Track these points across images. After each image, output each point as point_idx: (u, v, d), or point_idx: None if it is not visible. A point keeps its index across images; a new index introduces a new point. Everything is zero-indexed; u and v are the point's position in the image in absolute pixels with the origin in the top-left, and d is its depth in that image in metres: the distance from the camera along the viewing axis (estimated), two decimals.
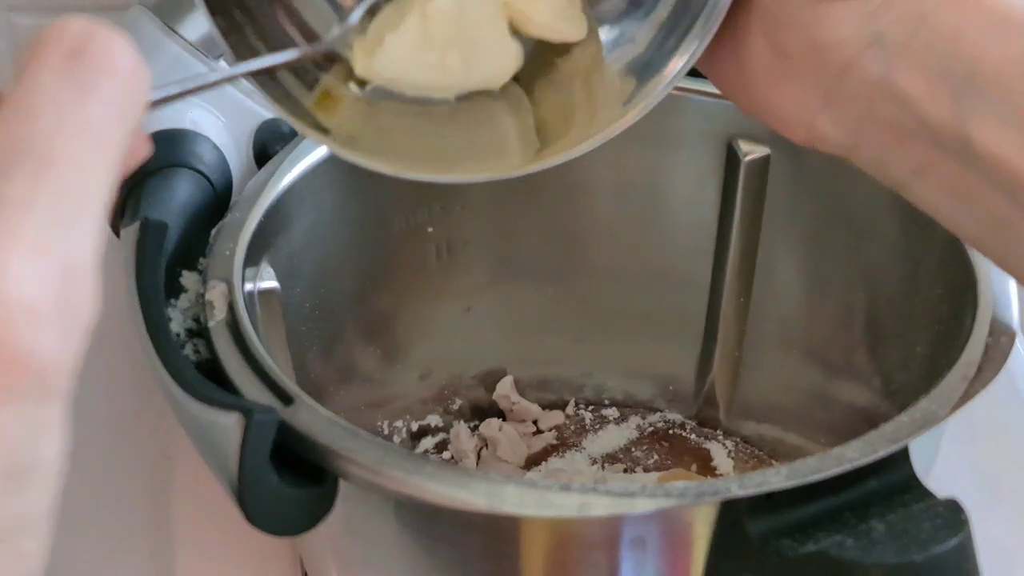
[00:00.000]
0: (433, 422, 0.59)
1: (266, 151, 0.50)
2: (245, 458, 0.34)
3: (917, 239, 0.48)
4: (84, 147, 0.23)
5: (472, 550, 0.39)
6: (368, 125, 0.36)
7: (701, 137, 0.53)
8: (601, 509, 0.34)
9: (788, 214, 0.53)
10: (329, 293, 0.51)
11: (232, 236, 0.44)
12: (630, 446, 0.59)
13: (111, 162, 0.23)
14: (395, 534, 0.40)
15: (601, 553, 0.38)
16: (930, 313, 0.46)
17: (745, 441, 0.59)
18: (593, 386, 0.61)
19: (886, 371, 0.50)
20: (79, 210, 0.23)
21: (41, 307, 0.21)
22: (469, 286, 0.57)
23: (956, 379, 0.38)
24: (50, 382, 0.22)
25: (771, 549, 0.34)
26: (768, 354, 0.56)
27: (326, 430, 0.36)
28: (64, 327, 0.22)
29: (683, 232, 0.56)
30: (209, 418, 0.34)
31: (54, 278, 0.22)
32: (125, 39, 0.24)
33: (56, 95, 0.23)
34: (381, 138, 0.36)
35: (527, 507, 0.34)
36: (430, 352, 0.57)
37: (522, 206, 0.56)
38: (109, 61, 0.24)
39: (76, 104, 0.23)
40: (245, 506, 0.34)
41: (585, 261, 0.58)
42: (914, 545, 0.33)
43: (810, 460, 0.35)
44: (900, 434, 0.36)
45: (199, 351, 0.41)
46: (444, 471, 0.35)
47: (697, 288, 0.57)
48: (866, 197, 0.50)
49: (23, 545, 0.22)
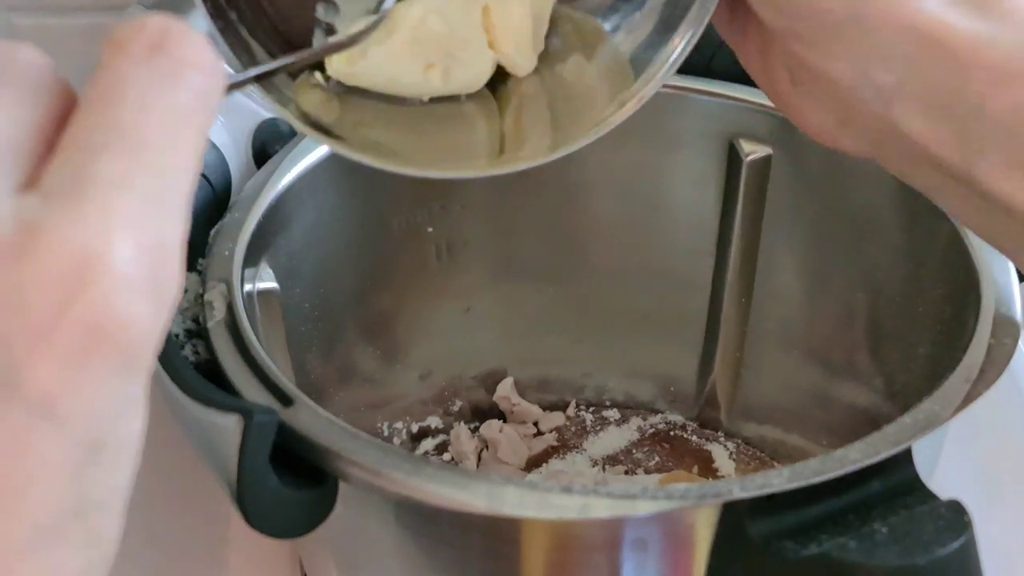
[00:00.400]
0: (433, 423, 0.59)
1: (265, 151, 0.50)
2: (244, 460, 0.33)
3: (919, 239, 0.48)
4: (172, 131, 0.23)
5: (472, 552, 0.39)
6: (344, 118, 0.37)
7: (702, 137, 0.53)
8: (602, 511, 0.34)
9: (790, 214, 0.53)
10: (329, 293, 0.51)
11: (231, 236, 0.44)
12: (631, 448, 0.59)
13: (196, 148, 0.24)
14: (395, 536, 0.39)
15: (602, 555, 0.38)
16: (932, 314, 0.46)
17: (746, 442, 0.59)
18: (594, 387, 0.61)
19: (888, 372, 0.50)
20: (170, 191, 0.23)
21: (138, 280, 0.22)
22: (469, 286, 0.57)
23: (959, 380, 0.38)
24: (140, 355, 0.22)
25: (773, 551, 0.33)
26: (769, 355, 0.56)
27: (326, 431, 0.36)
28: (156, 302, 0.22)
29: (684, 232, 0.56)
30: (208, 419, 0.34)
31: (150, 254, 0.22)
32: (200, 34, 0.25)
33: (141, 83, 0.23)
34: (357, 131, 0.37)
35: (528, 509, 0.34)
36: (430, 352, 0.57)
37: (522, 206, 0.56)
38: (189, 53, 0.24)
39: (161, 91, 0.24)
40: (244, 508, 0.34)
41: (586, 261, 0.58)
42: (917, 547, 0.33)
43: (812, 462, 0.34)
44: (903, 435, 0.36)
45: (198, 352, 0.40)
46: (444, 473, 0.35)
47: (698, 288, 0.56)
48: (868, 197, 0.50)
49: (99, 523, 0.22)
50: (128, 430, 0.23)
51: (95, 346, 0.21)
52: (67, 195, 0.22)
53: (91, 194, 0.22)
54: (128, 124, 0.23)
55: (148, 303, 0.22)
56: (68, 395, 0.21)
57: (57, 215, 0.21)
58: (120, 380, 0.22)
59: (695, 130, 0.53)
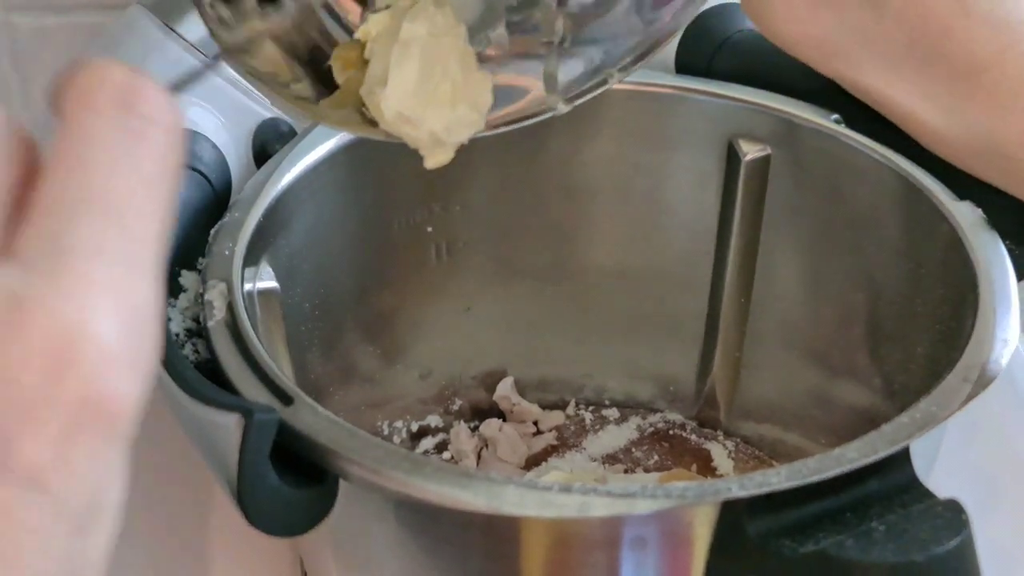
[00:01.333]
0: (433, 422, 0.59)
1: (265, 150, 0.50)
2: (245, 458, 0.34)
3: (918, 239, 0.48)
4: (143, 194, 0.23)
5: (472, 550, 0.39)
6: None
7: (701, 137, 0.53)
8: (601, 509, 0.34)
9: (789, 214, 0.53)
10: (329, 293, 0.51)
11: (231, 236, 0.44)
12: (630, 447, 0.59)
13: (166, 209, 0.24)
14: (395, 534, 0.39)
15: (601, 553, 0.38)
16: (931, 314, 0.46)
17: (745, 441, 0.59)
18: (593, 386, 0.61)
19: (887, 372, 0.50)
20: (145, 254, 0.23)
21: (119, 350, 0.22)
22: (469, 286, 0.57)
23: (957, 380, 0.38)
24: (123, 425, 0.22)
25: (771, 549, 0.34)
26: (769, 354, 0.56)
27: (326, 430, 0.36)
28: (139, 370, 0.22)
29: (683, 232, 0.56)
30: (208, 418, 0.34)
31: (131, 322, 0.22)
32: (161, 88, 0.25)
33: (111, 144, 0.23)
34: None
35: (527, 507, 0.34)
36: (430, 352, 0.57)
37: (522, 206, 0.56)
38: (156, 111, 0.24)
39: (130, 153, 0.23)
40: (244, 506, 0.34)
41: (585, 261, 0.58)
42: (915, 545, 0.33)
43: (810, 461, 0.35)
44: (901, 435, 0.36)
45: (198, 351, 0.40)
46: (444, 471, 0.35)
47: (697, 288, 0.56)
48: (867, 197, 0.50)
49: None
50: (113, 496, 0.23)
51: (84, 421, 0.21)
52: (47, 266, 0.22)
53: (70, 264, 0.22)
54: (100, 187, 0.23)
55: (131, 373, 0.22)
56: (58, 470, 0.21)
57: (40, 288, 0.21)
58: (107, 451, 0.22)
59: (694, 130, 0.53)
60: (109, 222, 0.23)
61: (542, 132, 0.51)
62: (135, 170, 0.23)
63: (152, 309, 0.23)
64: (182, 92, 0.29)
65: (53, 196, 0.23)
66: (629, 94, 0.53)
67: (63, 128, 0.24)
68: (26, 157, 0.24)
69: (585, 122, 0.54)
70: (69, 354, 0.21)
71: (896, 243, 0.49)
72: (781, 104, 0.51)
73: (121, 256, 0.22)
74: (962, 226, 0.45)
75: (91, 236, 0.22)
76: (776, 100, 0.52)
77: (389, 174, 0.51)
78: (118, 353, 0.22)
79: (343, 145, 0.49)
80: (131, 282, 0.22)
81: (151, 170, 0.24)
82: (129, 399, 0.22)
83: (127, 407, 0.22)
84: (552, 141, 0.54)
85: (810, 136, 0.51)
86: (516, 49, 0.40)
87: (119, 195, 0.23)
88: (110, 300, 0.22)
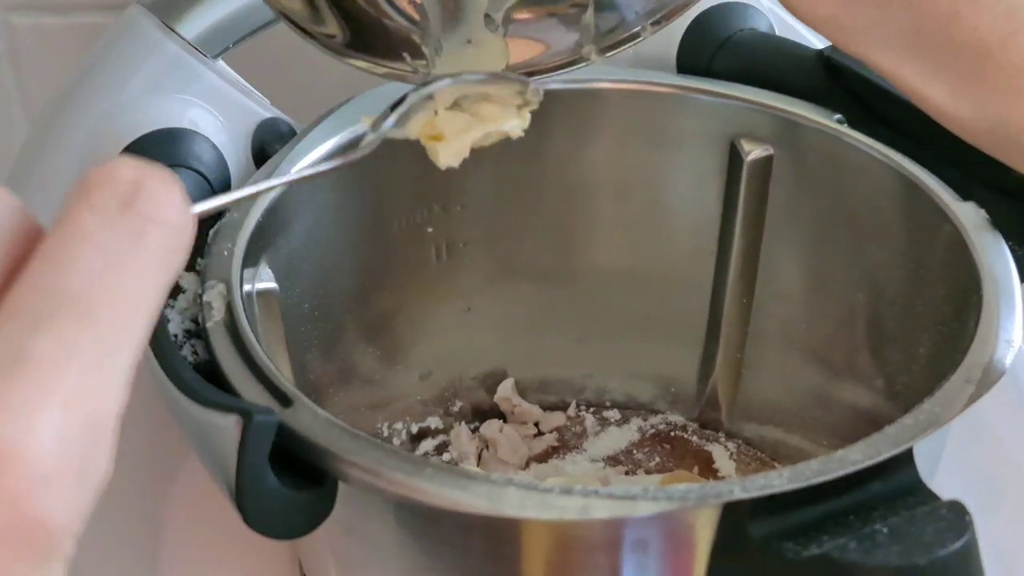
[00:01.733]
0: (433, 424, 0.59)
1: (264, 151, 0.50)
2: (243, 460, 0.33)
3: (921, 239, 0.47)
4: (127, 301, 0.22)
5: (473, 552, 0.39)
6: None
7: (703, 137, 0.53)
8: (603, 512, 0.34)
9: (791, 214, 0.53)
10: (328, 293, 0.51)
11: (230, 236, 0.44)
12: (631, 448, 0.59)
13: (151, 316, 0.23)
14: (395, 536, 0.39)
15: (602, 555, 0.37)
16: (933, 314, 0.46)
17: (747, 443, 0.59)
18: (594, 388, 0.61)
19: (889, 372, 0.50)
20: (114, 365, 0.22)
21: (61, 470, 0.21)
22: (469, 286, 0.57)
23: (960, 381, 0.38)
24: (58, 545, 0.21)
25: (774, 552, 0.33)
26: (770, 355, 0.56)
27: (325, 432, 0.36)
28: (79, 489, 0.21)
29: (685, 232, 0.56)
30: (207, 420, 0.34)
31: (79, 438, 0.21)
32: (177, 186, 0.24)
33: (104, 244, 0.22)
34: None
35: (528, 509, 0.34)
36: (430, 352, 0.57)
37: (522, 206, 0.56)
38: (160, 212, 0.23)
39: (123, 256, 0.22)
40: (243, 509, 0.34)
41: (586, 261, 0.58)
42: (918, 548, 0.33)
43: (813, 462, 0.34)
44: (904, 436, 0.35)
45: (197, 352, 0.40)
46: (444, 473, 0.34)
47: (699, 289, 0.56)
48: (869, 197, 0.49)
49: None
50: None
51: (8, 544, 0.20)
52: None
53: (23, 374, 0.21)
54: (79, 289, 0.22)
55: (68, 492, 0.21)
56: None
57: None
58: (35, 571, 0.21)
59: (695, 130, 0.53)
60: (82, 326, 0.22)
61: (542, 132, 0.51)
62: (123, 272, 0.22)
63: (109, 421, 0.22)
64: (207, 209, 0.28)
65: (27, 296, 0.22)
66: (630, 94, 0.53)
67: (56, 224, 0.23)
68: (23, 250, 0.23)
69: (585, 122, 0.54)
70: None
71: (898, 243, 0.49)
72: (783, 104, 0.51)
73: (88, 362, 0.21)
74: (965, 226, 0.44)
75: (56, 341, 0.21)
76: (778, 100, 0.51)
77: (389, 174, 0.51)
78: (53, 473, 0.21)
79: (342, 145, 0.49)
80: (93, 390, 0.21)
81: (142, 271, 0.23)
82: (62, 519, 0.21)
83: (59, 528, 0.21)
84: (552, 141, 0.54)
85: (812, 136, 0.50)
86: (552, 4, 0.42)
87: (99, 298, 0.22)
88: (59, 413, 0.21)
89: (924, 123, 0.44)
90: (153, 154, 0.48)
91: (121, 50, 0.51)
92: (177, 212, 0.23)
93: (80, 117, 0.50)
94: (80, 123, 0.50)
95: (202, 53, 0.50)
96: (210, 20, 0.51)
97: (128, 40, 0.51)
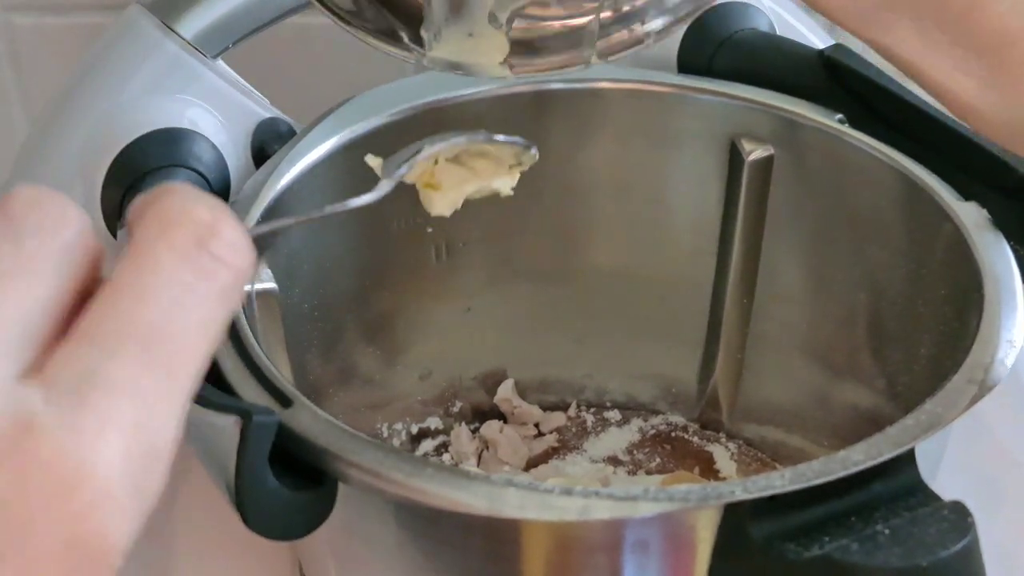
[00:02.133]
0: (433, 424, 0.58)
1: (264, 150, 0.50)
2: (243, 461, 0.33)
3: (921, 239, 0.47)
4: (194, 336, 0.24)
5: (473, 553, 0.39)
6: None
7: (703, 137, 0.53)
8: (603, 512, 0.33)
9: (791, 214, 0.53)
10: (328, 293, 0.51)
11: None
12: (632, 449, 0.59)
13: (211, 351, 0.24)
14: (395, 537, 0.39)
15: (603, 556, 0.37)
16: (935, 314, 0.46)
17: (748, 444, 0.58)
18: (594, 388, 0.61)
19: (890, 373, 0.50)
20: (177, 395, 0.23)
21: (120, 492, 0.22)
22: (469, 286, 0.57)
23: (962, 381, 0.38)
24: (111, 564, 0.22)
25: (775, 553, 0.33)
26: (771, 356, 0.56)
27: (325, 432, 0.35)
28: (135, 511, 0.22)
29: (685, 233, 0.56)
30: (206, 420, 0.34)
31: (141, 463, 0.22)
32: (243, 230, 0.25)
33: (176, 281, 0.24)
34: None
35: (528, 510, 0.34)
36: (430, 353, 0.57)
37: (522, 206, 0.55)
38: (231, 256, 0.24)
39: (194, 294, 0.24)
40: (243, 510, 0.34)
41: (586, 261, 0.58)
42: (920, 549, 0.32)
43: (814, 463, 0.34)
44: (905, 437, 0.35)
45: None
46: (444, 474, 0.34)
47: (699, 289, 0.56)
48: (870, 197, 0.49)
49: None
50: None
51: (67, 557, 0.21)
52: (69, 400, 0.22)
53: (93, 399, 0.22)
54: (152, 323, 0.23)
55: (127, 514, 0.22)
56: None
57: (55, 418, 0.21)
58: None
59: (696, 130, 0.53)
60: (151, 358, 0.23)
61: (542, 132, 0.51)
62: (194, 310, 0.24)
63: (166, 448, 0.23)
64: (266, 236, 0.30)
65: (100, 323, 0.23)
66: (630, 93, 0.53)
67: (132, 254, 0.24)
68: (87, 272, 0.24)
69: (586, 121, 0.54)
70: (66, 490, 0.21)
71: (899, 243, 0.49)
72: (784, 103, 0.51)
73: (153, 394, 0.22)
74: (966, 226, 0.44)
75: (126, 371, 0.22)
76: (779, 99, 0.51)
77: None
78: (116, 496, 0.22)
79: (342, 145, 0.49)
80: (157, 417, 0.23)
81: (210, 309, 0.24)
82: (119, 538, 0.22)
83: (115, 546, 0.22)
84: (552, 141, 0.54)
85: (813, 136, 0.50)
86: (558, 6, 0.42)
87: (169, 333, 0.23)
88: (124, 439, 0.22)
89: (925, 123, 0.44)
90: (153, 154, 0.48)
91: (121, 50, 0.51)
92: (244, 257, 0.25)
93: (80, 117, 0.50)
94: (80, 123, 0.50)
95: (202, 53, 0.50)
96: (210, 20, 0.51)
97: (128, 40, 0.51)
